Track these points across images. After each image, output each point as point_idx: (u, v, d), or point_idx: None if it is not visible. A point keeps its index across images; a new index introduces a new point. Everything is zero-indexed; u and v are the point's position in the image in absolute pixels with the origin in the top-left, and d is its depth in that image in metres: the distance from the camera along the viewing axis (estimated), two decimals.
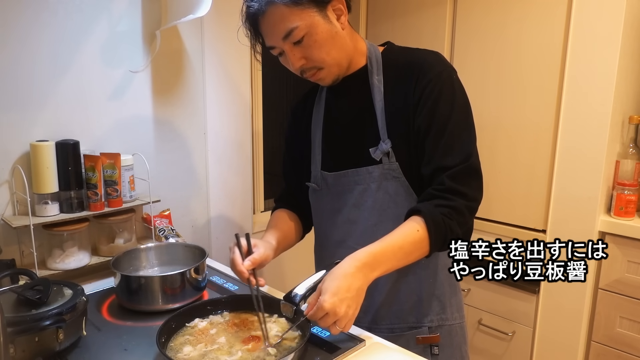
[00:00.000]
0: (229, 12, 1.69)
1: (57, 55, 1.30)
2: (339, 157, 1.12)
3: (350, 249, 0.99)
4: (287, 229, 1.21)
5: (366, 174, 1.06)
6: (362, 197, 1.08)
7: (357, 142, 1.08)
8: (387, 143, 1.03)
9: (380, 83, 1.06)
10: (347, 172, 1.09)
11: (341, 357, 0.91)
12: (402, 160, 1.03)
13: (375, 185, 1.06)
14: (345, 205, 1.10)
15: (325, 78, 1.05)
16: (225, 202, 1.78)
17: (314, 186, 1.17)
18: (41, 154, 1.24)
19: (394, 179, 1.04)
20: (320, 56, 1.00)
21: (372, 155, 1.05)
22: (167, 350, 0.89)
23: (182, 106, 1.60)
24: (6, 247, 1.24)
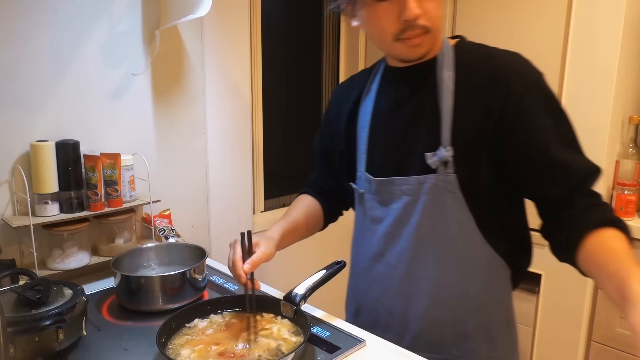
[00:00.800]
0: (229, 12, 1.70)
1: (57, 56, 1.30)
2: (386, 160, 0.99)
3: (388, 264, 0.96)
4: (302, 219, 1.13)
5: (417, 183, 0.93)
6: (409, 210, 0.95)
7: (410, 145, 0.95)
8: (448, 150, 0.89)
9: (450, 80, 0.91)
10: (394, 180, 0.96)
11: (341, 357, 0.91)
12: (461, 173, 0.90)
13: (426, 197, 0.93)
14: (389, 215, 0.98)
15: (422, 46, 0.89)
16: (225, 202, 1.78)
17: (357, 189, 1.06)
18: (41, 154, 1.24)
19: (448, 192, 0.91)
20: (436, 14, 0.87)
21: (427, 161, 0.91)
22: (167, 350, 0.89)
23: (182, 106, 1.60)
24: (6, 247, 1.24)
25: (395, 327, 1.01)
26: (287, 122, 2.24)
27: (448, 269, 0.95)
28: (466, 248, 0.93)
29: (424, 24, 0.86)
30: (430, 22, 0.87)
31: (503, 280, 0.98)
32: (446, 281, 0.95)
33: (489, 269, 0.95)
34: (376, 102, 1.02)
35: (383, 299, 1.03)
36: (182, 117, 1.60)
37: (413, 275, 0.97)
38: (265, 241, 1.00)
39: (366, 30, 0.95)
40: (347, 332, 0.99)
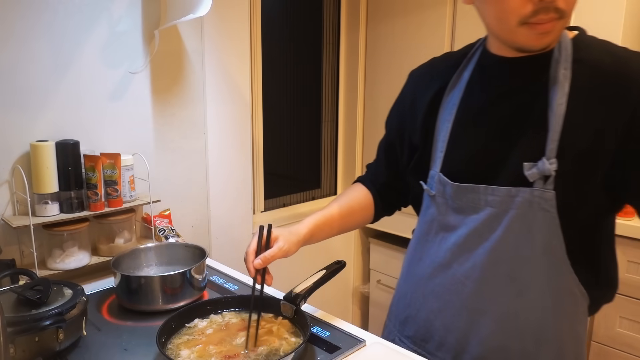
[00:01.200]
0: (229, 11, 1.70)
1: (57, 55, 1.30)
2: (470, 164, 0.87)
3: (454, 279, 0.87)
4: (345, 211, 1.05)
5: (506, 196, 0.80)
6: (491, 224, 0.82)
7: (504, 150, 0.82)
8: (552, 163, 0.76)
9: (566, 80, 0.77)
10: (478, 188, 0.83)
11: (341, 357, 0.91)
12: (563, 191, 0.77)
13: (514, 213, 0.80)
14: (465, 226, 0.86)
15: (551, 34, 0.75)
16: (225, 202, 1.78)
17: (428, 190, 0.94)
18: (41, 154, 1.24)
19: (541, 211, 0.79)
20: (574, 1, 0.74)
21: (524, 172, 0.78)
22: (167, 350, 0.89)
23: (182, 106, 1.60)
24: (6, 247, 1.24)
25: (452, 345, 0.91)
26: (287, 122, 2.24)
27: (524, 294, 0.83)
28: (549, 274, 0.82)
29: (562, 7, 0.72)
30: (568, 7, 0.73)
31: (581, 313, 0.86)
32: (520, 307, 0.84)
33: (569, 300, 0.84)
34: (466, 94, 0.88)
35: (442, 314, 0.92)
36: (182, 117, 1.60)
37: (482, 295, 0.86)
38: (286, 237, 0.96)
39: (482, 9, 0.83)
40: (347, 332, 0.99)
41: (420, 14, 2.07)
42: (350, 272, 2.45)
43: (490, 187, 0.82)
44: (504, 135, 0.83)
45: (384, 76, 2.19)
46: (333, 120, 2.39)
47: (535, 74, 0.81)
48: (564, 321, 0.84)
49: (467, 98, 0.88)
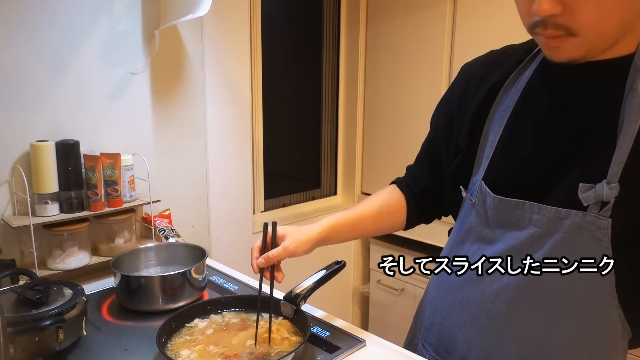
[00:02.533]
0: (229, 11, 1.70)
1: (57, 55, 1.30)
2: (517, 177, 0.78)
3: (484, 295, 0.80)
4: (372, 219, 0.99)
5: (554, 217, 0.71)
6: (532, 245, 0.74)
7: (559, 167, 0.73)
8: (612, 188, 0.66)
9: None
10: (523, 204, 0.75)
11: (341, 357, 0.91)
12: (621, 220, 0.67)
13: (560, 237, 0.71)
14: (503, 241, 0.78)
15: (566, 51, 0.66)
16: (225, 202, 1.78)
17: (468, 197, 0.85)
18: (41, 154, 1.24)
19: (593, 239, 0.69)
20: (590, 17, 0.61)
21: (579, 194, 0.69)
22: (167, 350, 0.89)
23: (182, 106, 1.60)
24: (6, 247, 1.24)
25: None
26: (287, 122, 2.24)
27: (560, 325, 0.75)
28: (591, 307, 0.73)
29: (565, 24, 0.63)
30: (577, 25, 0.62)
31: (621, 348, 0.76)
32: (553, 339, 0.76)
33: (609, 336, 0.74)
34: (523, 98, 0.78)
35: (466, 328, 0.85)
36: (182, 117, 1.60)
37: (513, 318, 0.78)
38: (294, 236, 0.92)
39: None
40: (347, 332, 0.99)
41: (420, 14, 2.07)
42: (350, 272, 2.45)
43: (537, 204, 0.73)
44: (561, 150, 0.73)
45: (384, 76, 2.19)
46: (333, 120, 2.39)
47: (609, 83, 0.69)
48: (600, 356, 0.75)
49: (524, 102, 0.78)
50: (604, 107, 0.69)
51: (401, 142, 2.15)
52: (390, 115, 2.17)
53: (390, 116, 2.17)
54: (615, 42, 0.66)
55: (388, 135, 2.18)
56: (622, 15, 0.63)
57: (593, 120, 0.70)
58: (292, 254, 0.91)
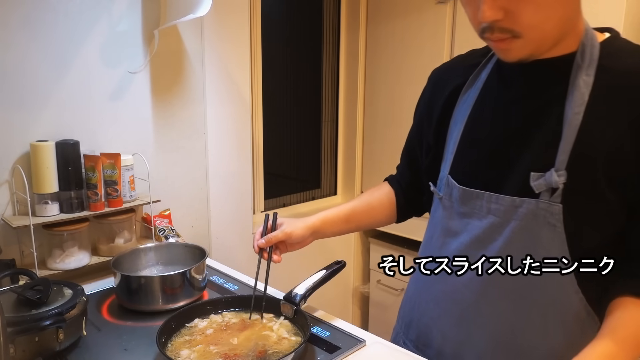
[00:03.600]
0: (229, 11, 1.70)
1: (57, 55, 1.30)
2: (477, 169, 0.83)
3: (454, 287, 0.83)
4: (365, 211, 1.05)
5: (510, 205, 0.76)
6: (493, 234, 0.78)
7: (513, 158, 0.78)
8: (560, 175, 0.71)
9: (587, 87, 0.71)
10: (482, 194, 0.79)
11: (341, 357, 0.91)
12: (571, 205, 0.72)
13: (517, 224, 0.75)
14: (467, 232, 0.83)
15: (513, 51, 0.72)
16: (225, 202, 1.78)
17: (436, 192, 0.91)
18: (41, 154, 1.24)
19: (547, 225, 0.73)
20: (531, 20, 0.67)
21: (531, 182, 0.73)
22: (166, 350, 0.89)
23: (182, 106, 1.60)
24: (6, 247, 1.24)
25: (449, 356, 0.88)
26: (287, 122, 2.24)
27: (526, 312, 0.78)
28: (553, 293, 0.76)
29: (508, 27, 0.68)
30: (520, 27, 0.68)
31: (590, 336, 0.76)
32: (521, 326, 0.79)
33: (575, 322, 0.77)
34: (482, 96, 0.84)
35: (440, 321, 0.88)
36: (182, 117, 1.60)
37: (482, 309, 0.82)
38: (291, 221, 1.00)
39: None
40: (347, 332, 0.99)
41: (420, 15, 2.07)
42: (350, 272, 2.45)
43: (495, 194, 0.78)
44: (515, 141, 0.78)
45: (384, 76, 2.19)
46: (333, 120, 2.39)
47: (554, 79, 0.75)
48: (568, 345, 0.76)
49: (483, 99, 0.83)
50: (551, 101, 0.75)
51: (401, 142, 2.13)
52: (390, 115, 2.17)
53: (390, 116, 2.17)
54: (558, 42, 0.73)
55: (388, 135, 2.18)
56: (560, 17, 0.69)
57: (542, 114, 0.76)
58: (289, 236, 0.98)
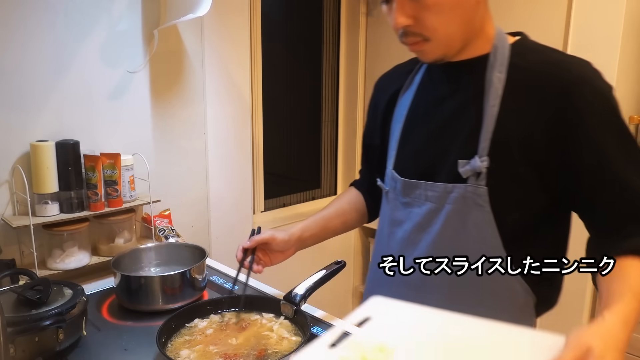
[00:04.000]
0: (229, 11, 1.70)
1: (57, 55, 1.30)
2: (416, 161, 0.92)
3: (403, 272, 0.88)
4: (337, 215, 1.11)
5: (443, 191, 0.85)
6: (431, 218, 0.87)
7: (444, 149, 0.87)
8: (483, 160, 0.80)
9: (500, 83, 0.82)
10: (420, 184, 0.89)
11: None
12: (495, 187, 0.81)
13: (451, 208, 0.85)
14: (410, 220, 0.92)
15: (427, 53, 0.83)
16: (225, 202, 1.78)
17: (382, 186, 1.00)
18: (41, 154, 1.23)
19: (476, 206, 0.83)
20: (434, 24, 0.78)
21: (458, 169, 0.83)
22: (166, 350, 0.89)
23: (182, 106, 1.60)
24: (6, 247, 1.24)
25: None
26: (287, 122, 2.24)
27: (463, 288, 0.86)
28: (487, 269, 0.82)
29: (418, 31, 0.80)
30: (427, 31, 0.79)
31: (525, 309, 0.88)
32: (459, 300, 0.86)
33: (509, 295, 0.86)
34: (415, 97, 0.94)
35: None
36: (182, 117, 1.60)
37: (425, 288, 0.89)
38: (274, 230, 1.04)
39: None
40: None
41: None
42: (350, 272, 2.45)
43: (430, 183, 0.87)
44: (444, 134, 0.88)
45: None
46: (333, 120, 2.39)
47: (473, 77, 0.85)
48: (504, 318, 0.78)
49: (417, 99, 0.94)
50: (472, 97, 0.84)
51: None
52: None
53: None
54: (467, 44, 0.84)
55: None
56: (460, 21, 0.80)
57: (465, 108, 0.85)
58: (273, 239, 1.01)
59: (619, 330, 0.65)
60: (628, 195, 0.77)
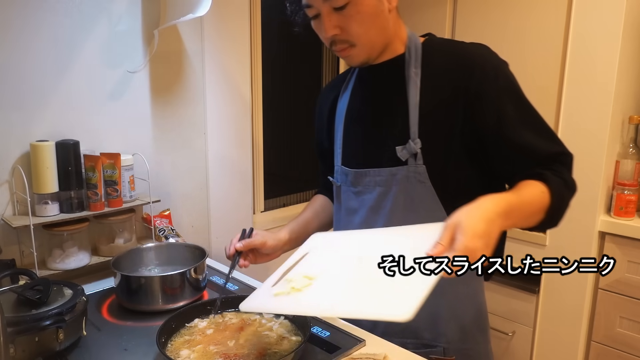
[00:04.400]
0: (229, 11, 1.70)
1: (57, 55, 1.30)
2: (361, 154, 1.04)
3: None
4: (313, 216, 1.20)
5: (389, 175, 0.97)
6: (382, 201, 0.99)
7: (382, 139, 0.99)
8: (416, 143, 0.94)
9: (417, 76, 0.96)
10: (368, 172, 1.00)
11: (341, 357, 0.91)
12: (431, 164, 0.94)
13: (398, 188, 0.96)
14: (363, 206, 1.02)
15: (354, 57, 0.96)
16: (225, 202, 1.78)
17: (334, 181, 1.11)
18: (41, 154, 1.23)
19: (419, 183, 0.95)
20: (358, 32, 0.91)
21: (397, 154, 0.95)
22: (166, 350, 0.89)
23: (182, 106, 1.60)
24: (6, 247, 1.24)
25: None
26: (287, 122, 2.23)
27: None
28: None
29: (345, 39, 0.92)
30: (352, 38, 0.92)
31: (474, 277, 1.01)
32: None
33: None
34: (351, 99, 1.08)
35: None
36: (182, 116, 1.60)
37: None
38: (265, 234, 1.09)
39: None
40: (347, 332, 0.99)
41: (420, 14, 2.07)
42: None
43: (377, 169, 0.99)
44: (380, 127, 1.01)
45: None
46: None
47: (395, 75, 0.98)
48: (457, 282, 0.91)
49: (352, 101, 1.07)
50: (398, 91, 0.98)
51: None
52: None
53: None
54: (386, 47, 0.98)
55: None
56: (378, 28, 0.93)
57: (393, 102, 0.99)
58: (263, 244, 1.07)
59: (488, 205, 0.76)
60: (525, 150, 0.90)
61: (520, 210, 0.83)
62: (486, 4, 1.88)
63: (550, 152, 0.91)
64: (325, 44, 0.97)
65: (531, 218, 0.87)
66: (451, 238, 0.71)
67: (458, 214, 0.74)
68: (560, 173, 0.90)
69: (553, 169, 0.90)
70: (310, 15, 0.95)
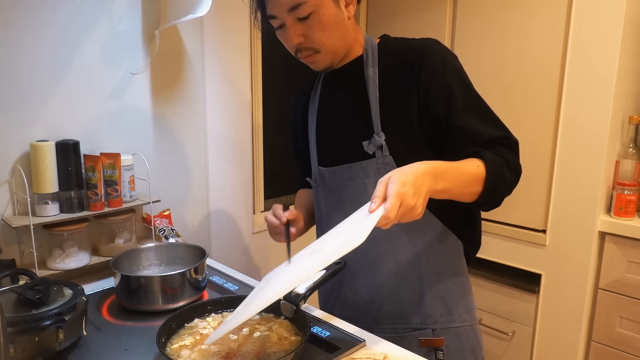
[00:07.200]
0: (229, 12, 1.70)
1: (57, 55, 1.30)
2: (333, 152, 1.11)
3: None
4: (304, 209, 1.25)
5: (360, 169, 1.04)
6: (358, 193, 1.05)
7: (350, 136, 1.07)
8: (380, 136, 1.01)
9: (375, 75, 1.04)
10: (341, 168, 1.07)
11: (341, 357, 0.91)
12: (397, 154, 1.01)
13: (370, 180, 1.03)
14: (342, 201, 1.09)
15: (319, 62, 1.03)
16: (225, 202, 1.78)
17: (311, 182, 1.18)
18: (41, 154, 1.24)
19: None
20: (321, 39, 0.98)
21: (365, 149, 1.03)
22: (167, 350, 0.89)
23: (182, 106, 1.60)
24: (6, 247, 1.24)
25: (362, 305, 1.11)
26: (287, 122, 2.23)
27: (401, 243, 1.05)
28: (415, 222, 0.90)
29: (310, 46, 0.99)
30: (316, 45, 0.99)
31: (454, 251, 1.09)
32: (400, 254, 1.05)
33: (438, 240, 1.06)
34: (319, 103, 1.16)
35: (346, 280, 1.13)
36: (182, 116, 1.60)
37: (370, 253, 1.06)
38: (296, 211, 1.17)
39: None
40: (347, 332, 0.99)
41: (420, 14, 2.07)
42: None
43: (348, 165, 1.06)
44: (347, 125, 1.08)
45: None
46: None
47: (355, 76, 1.06)
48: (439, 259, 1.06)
49: (321, 105, 1.15)
50: (359, 90, 1.05)
51: None
52: None
53: None
54: (349, 51, 1.06)
55: None
56: (340, 34, 1.00)
57: (357, 100, 1.06)
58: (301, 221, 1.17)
59: (417, 165, 0.82)
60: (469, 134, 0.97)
61: (450, 174, 0.88)
62: (486, 5, 1.88)
63: (493, 136, 0.97)
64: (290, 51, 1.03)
65: (467, 188, 0.91)
66: (384, 191, 0.78)
67: (390, 172, 0.81)
68: (502, 153, 0.95)
69: (494, 150, 0.95)
70: (275, 25, 1.01)
